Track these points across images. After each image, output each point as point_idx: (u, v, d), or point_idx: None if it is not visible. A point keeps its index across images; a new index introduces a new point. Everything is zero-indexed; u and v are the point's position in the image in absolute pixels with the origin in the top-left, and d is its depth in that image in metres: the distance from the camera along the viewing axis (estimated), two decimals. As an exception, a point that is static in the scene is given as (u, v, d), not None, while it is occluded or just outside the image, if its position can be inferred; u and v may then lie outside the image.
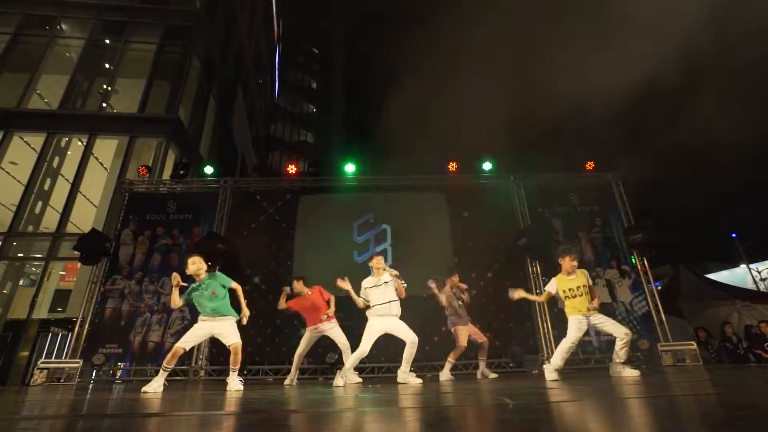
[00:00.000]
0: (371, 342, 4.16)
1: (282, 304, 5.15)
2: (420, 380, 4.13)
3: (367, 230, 7.72)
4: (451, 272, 5.45)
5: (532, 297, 4.81)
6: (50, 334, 9.05)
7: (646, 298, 7.08)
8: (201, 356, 6.74)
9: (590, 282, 4.25)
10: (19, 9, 11.77)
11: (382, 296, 4.30)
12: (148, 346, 6.74)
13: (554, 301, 7.16)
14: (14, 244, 9.55)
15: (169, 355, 3.77)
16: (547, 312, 7.03)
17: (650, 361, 6.64)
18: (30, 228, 9.81)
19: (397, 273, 4.39)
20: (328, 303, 5.05)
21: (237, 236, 7.52)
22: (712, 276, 12.96)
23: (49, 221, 10.16)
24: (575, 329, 4.03)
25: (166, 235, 7.57)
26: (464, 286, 5.36)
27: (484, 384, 3.77)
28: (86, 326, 6.76)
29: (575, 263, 4.23)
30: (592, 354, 6.67)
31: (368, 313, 4.35)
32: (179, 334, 6.79)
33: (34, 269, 11.03)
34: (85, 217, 10.49)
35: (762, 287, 18.93)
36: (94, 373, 6.67)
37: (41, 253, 9.48)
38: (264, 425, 1.57)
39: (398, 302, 4.36)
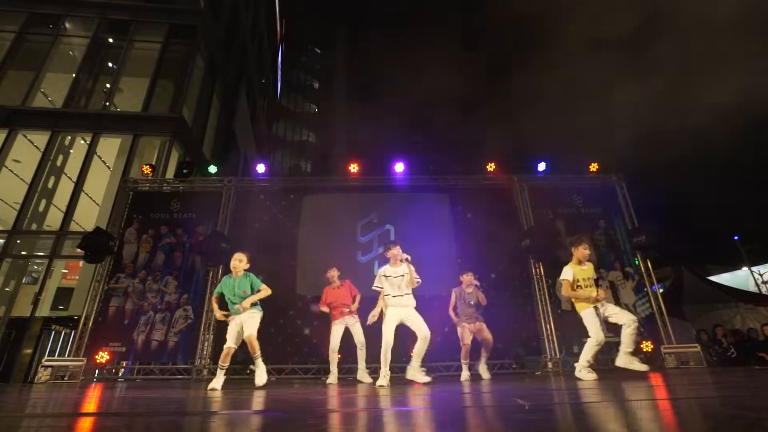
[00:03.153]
0: (392, 331, 4.08)
1: (320, 306, 5.46)
2: (429, 378, 4.02)
3: (370, 230, 7.73)
4: (462, 272, 5.56)
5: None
6: (53, 332, 9.07)
7: (650, 300, 7.07)
8: (204, 354, 6.75)
9: (596, 276, 4.23)
10: (24, 7, 11.81)
11: (397, 288, 4.25)
12: (151, 344, 6.75)
13: (557, 303, 7.23)
14: (18, 242, 9.58)
15: (222, 355, 4.00)
16: (550, 313, 7.03)
17: (653, 363, 6.62)
18: (33, 226, 9.85)
19: (408, 257, 4.29)
20: (354, 299, 5.33)
21: (241, 235, 7.53)
22: (713, 278, 12.95)
23: (53, 219, 10.20)
24: (594, 326, 3.92)
25: (170, 233, 7.57)
26: (475, 283, 5.41)
27: (486, 385, 3.77)
28: (90, 324, 6.78)
29: (588, 252, 4.20)
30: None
31: (385, 302, 4.28)
32: (183, 333, 6.85)
33: (36, 267, 11.07)
34: (89, 216, 10.54)
35: (764, 290, 18.89)
36: (97, 372, 6.68)
37: (44, 251, 9.51)
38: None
39: (412, 295, 4.26)
